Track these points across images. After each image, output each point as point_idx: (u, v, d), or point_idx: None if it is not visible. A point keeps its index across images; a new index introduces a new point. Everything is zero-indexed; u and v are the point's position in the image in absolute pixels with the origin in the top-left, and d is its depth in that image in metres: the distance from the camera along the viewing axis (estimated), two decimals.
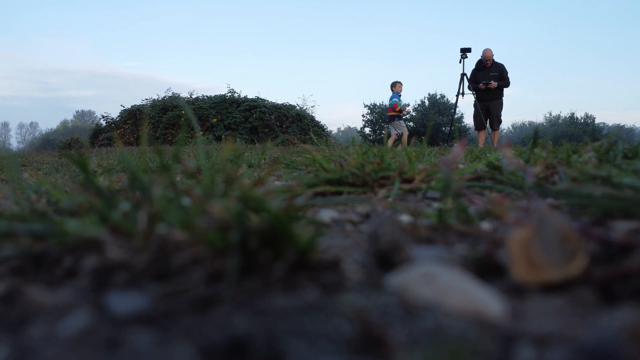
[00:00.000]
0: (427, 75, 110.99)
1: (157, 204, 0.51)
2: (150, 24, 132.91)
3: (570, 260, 0.45)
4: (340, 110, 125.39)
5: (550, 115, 51.52)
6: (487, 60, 7.37)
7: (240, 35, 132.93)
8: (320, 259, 0.51)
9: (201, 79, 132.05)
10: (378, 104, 32.25)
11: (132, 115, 14.73)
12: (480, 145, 7.59)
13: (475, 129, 7.81)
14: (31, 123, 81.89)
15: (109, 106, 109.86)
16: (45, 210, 0.61)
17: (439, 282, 0.42)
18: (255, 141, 13.15)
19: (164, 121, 13.53)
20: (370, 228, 0.64)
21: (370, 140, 30.29)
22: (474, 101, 7.61)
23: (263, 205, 0.48)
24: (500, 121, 7.63)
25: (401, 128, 8.92)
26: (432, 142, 30.78)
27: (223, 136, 12.97)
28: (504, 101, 7.64)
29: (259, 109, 13.91)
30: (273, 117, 14.00)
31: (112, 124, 16.13)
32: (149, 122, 14.01)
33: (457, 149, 0.90)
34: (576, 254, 0.45)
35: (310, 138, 14.90)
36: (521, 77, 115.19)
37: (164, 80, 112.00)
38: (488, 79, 7.33)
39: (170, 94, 18.67)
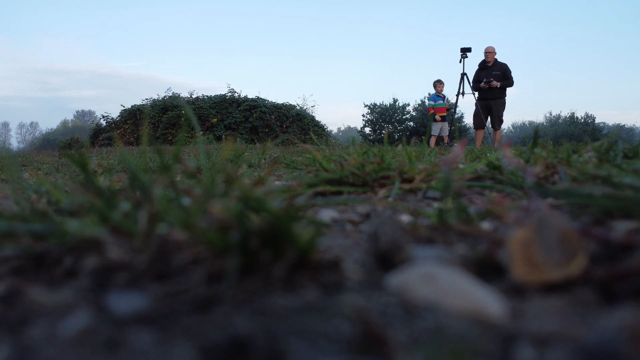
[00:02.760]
0: (427, 75, 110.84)
1: (158, 204, 0.51)
2: (152, 24, 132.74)
3: (570, 260, 0.45)
4: (341, 110, 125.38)
5: (551, 114, 51.49)
6: (488, 54, 7.32)
7: (241, 35, 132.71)
8: (320, 259, 0.51)
9: (202, 78, 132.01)
10: (378, 104, 32.23)
11: (133, 115, 14.74)
12: (478, 144, 7.57)
13: (475, 128, 7.79)
14: (31, 123, 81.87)
15: (109, 106, 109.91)
16: (46, 210, 0.61)
17: (440, 282, 0.42)
18: (256, 141, 13.15)
19: (164, 121, 13.53)
20: (371, 228, 0.64)
21: (370, 140, 30.28)
22: (475, 100, 7.58)
23: (263, 205, 0.49)
24: (501, 121, 7.60)
25: (434, 130, 8.56)
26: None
27: (223, 136, 12.97)
28: (506, 101, 7.62)
29: (259, 108, 13.91)
30: (273, 117, 14.00)
31: (112, 124, 16.13)
32: (149, 122, 14.01)
33: (457, 149, 0.90)
34: (576, 254, 0.45)
35: (311, 138, 14.89)
36: (521, 76, 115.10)
37: (165, 80, 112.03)
38: (490, 78, 7.30)
39: (171, 94, 18.66)
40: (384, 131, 30.74)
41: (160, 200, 0.52)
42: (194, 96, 18.49)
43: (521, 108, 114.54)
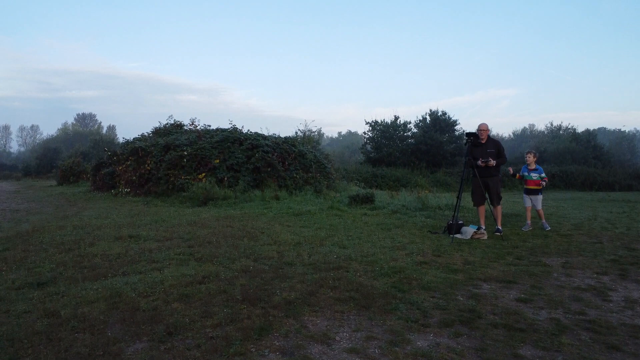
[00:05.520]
0: (430, 89, 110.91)
1: None
2: (153, 24, 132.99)
3: None
4: (341, 112, 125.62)
5: (552, 125, 51.38)
6: (482, 132, 7.21)
7: (242, 36, 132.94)
8: None
9: (202, 78, 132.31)
10: (380, 121, 31.88)
11: (135, 152, 14.66)
12: (482, 221, 7.49)
13: (475, 205, 7.57)
14: (32, 126, 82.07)
15: (110, 106, 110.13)
16: None
17: None
18: (258, 182, 13.09)
19: (166, 161, 13.43)
20: None
21: (372, 160, 29.95)
22: (472, 177, 7.41)
23: None
24: (500, 197, 7.46)
25: (528, 202, 8.23)
26: (434, 163, 30.43)
27: (225, 178, 12.87)
28: (501, 178, 7.52)
29: (261, 148, 13.80)
30: (275, 156, 13.92)
31: (114, 157, 16.10)
32: (151, 160, 13.95)
33: None
34: None
35: (313, 177, 14.80)
36: (521, 78, 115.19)
37: (166, 80, 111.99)
38: (485, 156, 7.18)
39: (172, 122, 18.65)
40: (385, 148, 30.42)
41: None
42: (195, 124, 18.47)
43: (520, 110, 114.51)
